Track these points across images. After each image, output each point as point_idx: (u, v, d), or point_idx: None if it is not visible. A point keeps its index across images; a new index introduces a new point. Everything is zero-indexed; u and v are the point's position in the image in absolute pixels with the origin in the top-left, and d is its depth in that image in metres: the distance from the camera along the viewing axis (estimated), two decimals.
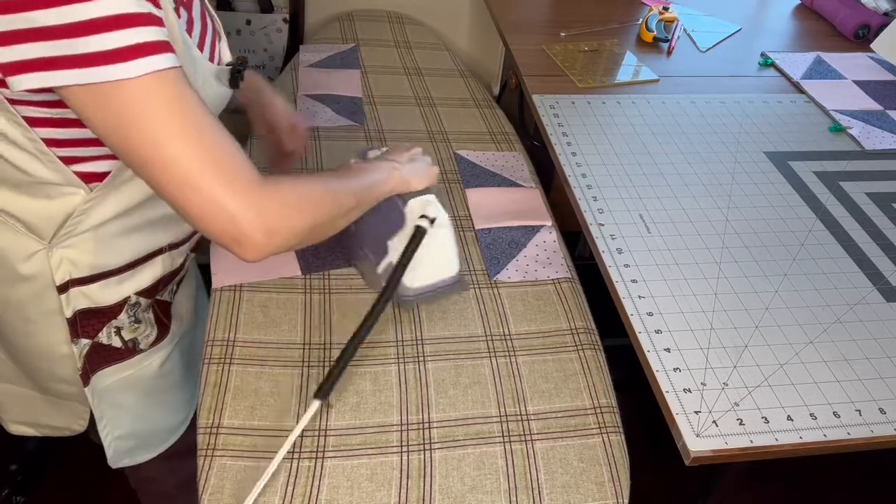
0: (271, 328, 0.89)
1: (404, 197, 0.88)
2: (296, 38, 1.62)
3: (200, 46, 0.74)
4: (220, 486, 0.73)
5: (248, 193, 0.63)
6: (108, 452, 0.91)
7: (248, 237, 0.64)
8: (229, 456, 0.76)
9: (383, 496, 0.74)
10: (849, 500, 1.61)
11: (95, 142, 0.67)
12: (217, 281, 0.94)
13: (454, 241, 0.91)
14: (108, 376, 0.85)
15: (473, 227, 1.08)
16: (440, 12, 1.70)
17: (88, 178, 0.71)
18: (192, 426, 1.00)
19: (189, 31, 0.71)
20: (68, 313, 0.79)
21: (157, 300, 0.89)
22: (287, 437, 0.78)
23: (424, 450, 0.79)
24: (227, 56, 0.81)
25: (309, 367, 0.86)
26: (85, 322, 0.81)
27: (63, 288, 0.77)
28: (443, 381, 0.86)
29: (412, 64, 1.48)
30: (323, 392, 0.78)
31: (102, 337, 0.83)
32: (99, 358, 0.84)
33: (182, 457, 1.00)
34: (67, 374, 0.85)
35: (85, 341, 0.82)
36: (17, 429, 0.98)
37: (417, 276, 0.89)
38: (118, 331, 0.84)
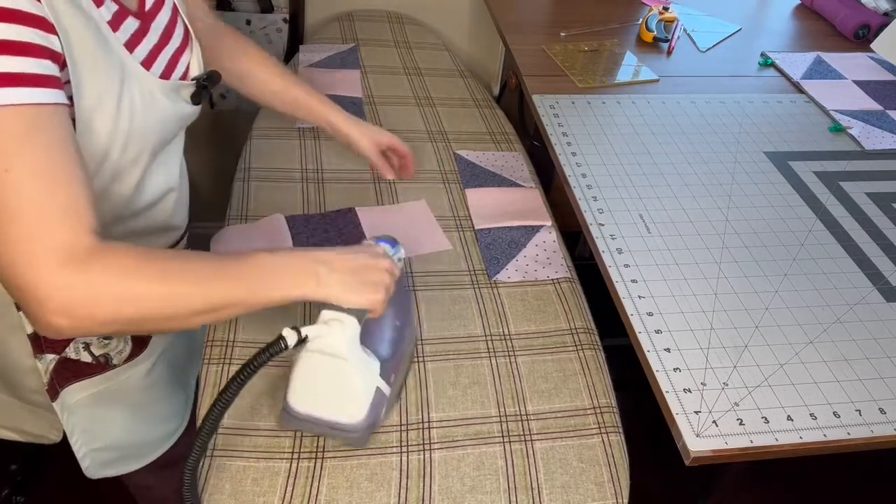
0: (270, 328, 0.89)
1: (322, 307, 0.70)
2: (296, 38, 1.62)
3: (150, 60, 0.71)
4: (219, 487, 0.73)
5: (59, 268, 0.56)
6: (84, 464, 0.88)
7: (42, 311, 0.56)
8: (229, 456, 0.76)
9: (383, 496, 0.74)
10: (849, 500, 1.61)
11: None
12: None
13: (363, 385, 0.74)
14: (79, 390, 0.83)
15: (473, 228, 1.08)
16: (440, 12, 1.70)
17: None
18: (188, 434, 0.99)
19: (135, 44, 0.69)
20: (29, 329, 0.77)
21: None
22: (290, 437, 0.78)
23: (424, 450, 0.78)
24: (195, 70, 0.79)
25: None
26: (49, 337, 0.78)
27: None
28: (442, 381, 0.86)
29: (412, 64, 1.48)
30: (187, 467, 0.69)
31: (70, 352, 0.80)
32: (68, 372, 0.81)
33: (177, 465, 0.99)
34: (37, 386, 0.83)
35: (51, 356, 0.80)
36: (2, 433, 0.96)
37: (305, 400, 0.74)
38: (87, 346, 0.81)
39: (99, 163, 0.67)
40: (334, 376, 0.71)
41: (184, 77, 0.77)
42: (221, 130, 1.71)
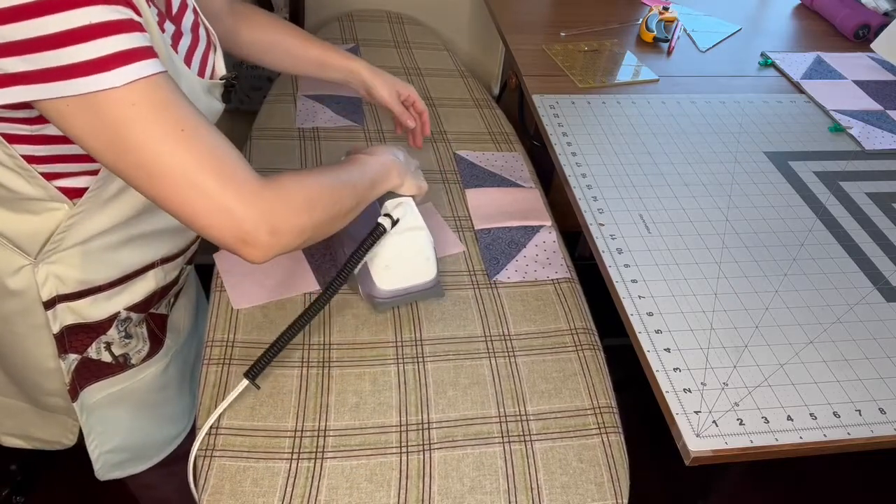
0: (270, 329, 0.89)
1: (383, 198, 0.87)
2: None
3: (188, 60, 0.73)
4: (219, 487, 0.73)
5: (249, 194, 0.62)
6: (96, 466, 0.89)
7: (253, 237, 0.63)
8: (228, 456, 0.76)
9: (382, 497, 0.74)
10: (849, 500, 1.61)
11: (74, 158, 0.67)
12: (237, 303, 0.92)
13: (431, 246, 0.89)
14: (98, 391, 0.84)
15: (473, 228, 1.08)
16: (440, 12, 1.70)
17: (71, 193, 0.70)
18: (192, 434, 0.99)
19: (175, 44, 0.70)
20: (55, 329, 0.78)
21: (152, 314, 0.88)
22: (289, 438, 0.78)
23: (424, 450, 0.78)
24: (221, 69, 0.80)
25: (308, 367, 0.86)
26: (73, 337, 0.80)
27: (50, 304, 0.76)
28: (442, 381, 0.86)
29: (412, 64, 1.48)
30: (251, 374, 0.79)
31: (91, 352, 0.81)
32: (88, 373, 0.82)
33: (180, 463, 0.99)
34: (56, 388, 0.84)
35: (73, 356, 0.80)
36: (8, 441, 0.96)
37: (391, 279, 0.88)
38: (108, 346, 0.82)
39: None
40: (415, 246, 0.88)
41: (212, 76, 0.79)
42: (221, 131, 1.70)
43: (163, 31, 0.67)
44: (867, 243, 0.98)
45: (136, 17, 0.58)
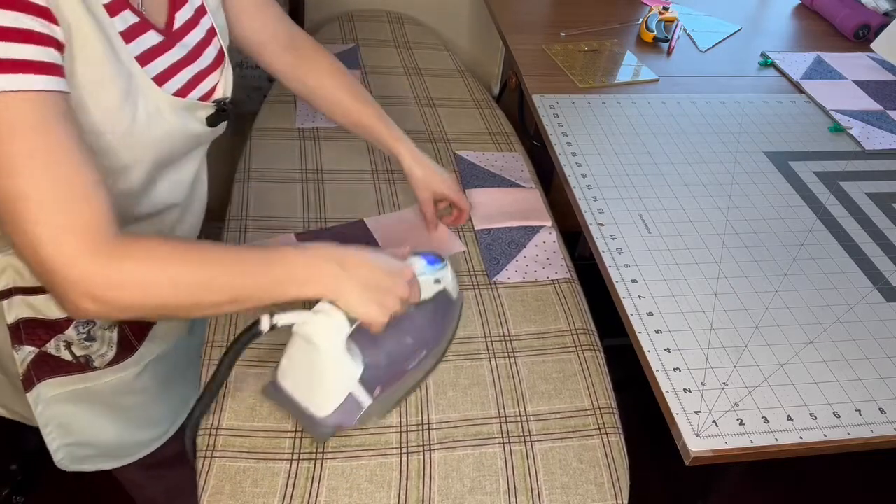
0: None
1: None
2: None
3: (167, 75, 0.70)
4: (219, 487, 0.73)
5: (86, 251, 0.56)
6: (56, 456, 0.87)
7: (68, 294, 0.57)
8: (228, 457, 0.76)
9: (382, 497, 0.74)
10: (849, 500, 1.61)
11: None
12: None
13: (337, 389, 0.74)
14: (57, 386, 0.82)
15: (473, 228, 1.08)
16: (440, 12, 1.70)
17: None
18: (176, 437, 0.97)
19: (152, 57, 0.68)
20: (9, 319, 0.77)
21: (131, 322, 0.85)
22: (290, 438, 0.78)
23: (424, 451, 0.78)
24: (220, 92, 0.78)
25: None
26: (30, 331, 0.78)
27: (5, 294, 0.75)
28: (442, 382, 0.86)
29: (412, 64, 1.48)
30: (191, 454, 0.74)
31: (50, 348, 0.80)
32: (47, 367, 0.81)
33: (167, 466, 0.97)
34: (18, 373, 0.83)
35: (29, 349, 0.79)
36: None
37: (287, 378, 0.76)
38: (68, 345, 0.80)
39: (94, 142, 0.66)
40: (310, 365, 0.73)
41: (207, 97, 0.77)
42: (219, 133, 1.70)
43: (129, 41, 0.65)
44: (867, 243, 0.98)
45: (51, 32, 0.56)
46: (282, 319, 0.68)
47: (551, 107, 1.20)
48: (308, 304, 0.69)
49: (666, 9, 1.46)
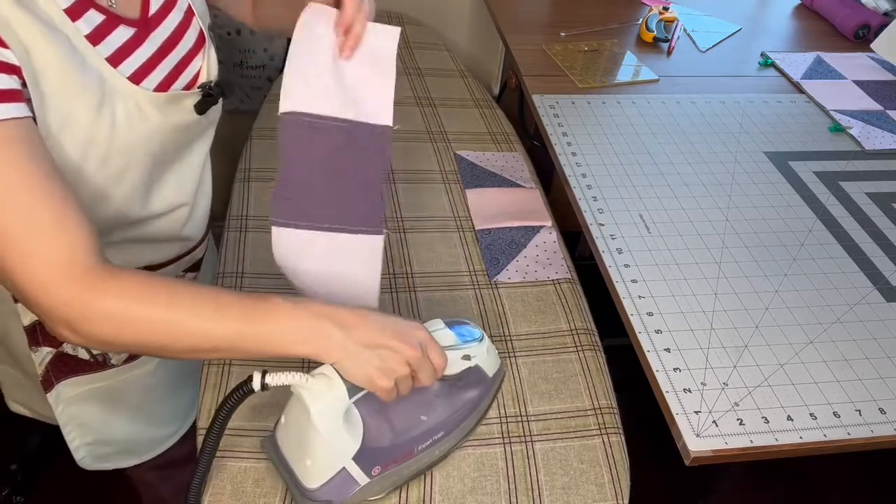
0: None
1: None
2: None
3: (143, 71, 0.68)
4: (221, 487, 0.73)
5: (58, 280, 0.55)
6: (77, 455, 0.88)
7: (46, 321, 0.57)
8: (230, 457, 0.76)
9: (383, 496, 0.74)
10: (849, 500, 1.61)
11: None
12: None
13: (328, 463, 0.67)
14: (77, 385, 0.83)
15: (473, 228, 1.08)
16: (440, 12, 1.70)
17: None
18: (189, 436, 0.98)
19: (124, 54, 0.66)
20: (25, 321, 0.78)
21: None
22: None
23: None
24: (204, 76, 0.75)
25: (309, 366, 0.85)
26: (46, 332, 0.79)
27: None
28: None
29: (412, 64, 1.48)
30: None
31: (67, 347, 0.80)
32: (66, 367, 0.81)
33: (177, 466, 0.98)
34: (37, 374, 0.84)
35: (47, 349, 0.80)
36: (15, 408, 0.96)
37: (283, 436, 0.71)
38: None
39: (73, 178, 0.64)
40: (303, 430, 0.66)
41: (191, 84, 0.74)
42: (221, 131, 1.70)
43: (96, 43, 0.63)
44: (867, 243, 0.98)
45: (2, 58, 0.54)
46: (275, 380, 0.61)
47: (551, 107, 1.20)
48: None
49: (666, 9, 1.46)
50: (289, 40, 0.73)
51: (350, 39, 0.71)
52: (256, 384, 0.62)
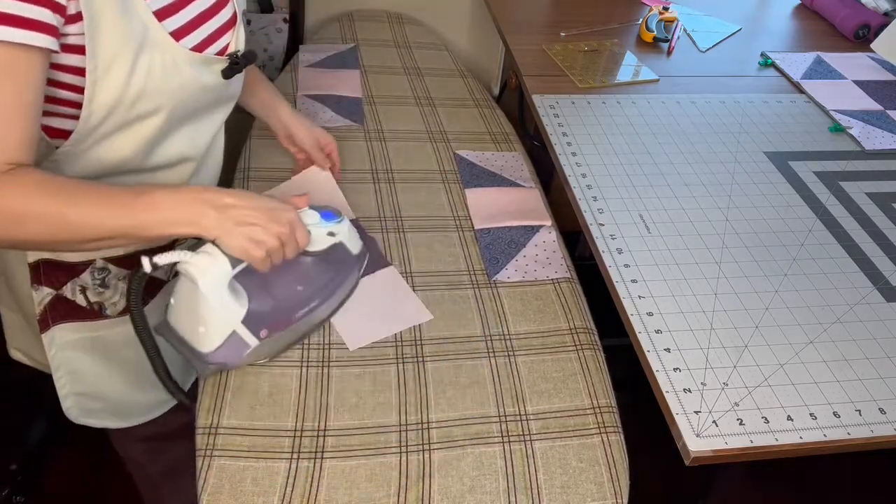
0: None
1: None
2: (296, 38, 1.62)
3: (185, 31, 0.73)
4: (219, 487, 0.73)
5: None
6: (65, 404, 0.88)
7: None
8: (228, 456, 0.76)
9: (382, 497, 0.74)
10: (849, 500, 1.61)
11: (54, 100, 0.67)
12: (352, 343, 0.89)
13: (220, 327, 0.77)
14: (71, 331, 0.85)
15: (473, 228, 1.08)
16: (440, 12, 1.70)
17: (52, 133, 0.70)
18: (178, 409, 0.97)
19: (170, 12, 0.71)
20: (30, 259, 0.80)
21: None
22: (289, 437, 0.78)
23: (423, 450, 0.78)
24: (235, 46, 0.81)
25: (308, 366, 0.86)
26: (49, 272, 0.81)
27: None
28: (442, 381, 0.86)
29: (412, 64, 1.48)
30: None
31: (67, 291, 0.83)
32: (63, 310, 0.83)
33: (167, 439, 0.99)
34: (35, 313, 0.85)
35: (47, 290, 0.82)
36: (15, 354, 0.98)
37: (174, 314, 0.78)
38: (83, 290, 0.83)
39: (106, 113, 0.69)
40: (194, 303, 0.74)
41: (222, 53, 0.79)
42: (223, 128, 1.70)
43: None
44: (867, 243, 0.98)
45: None
46: (162, 259, 0.69)
47: (551, 107, 1.20)
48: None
49: (666, 9, 1.46)
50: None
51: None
52: (147, 266, 0.69)
